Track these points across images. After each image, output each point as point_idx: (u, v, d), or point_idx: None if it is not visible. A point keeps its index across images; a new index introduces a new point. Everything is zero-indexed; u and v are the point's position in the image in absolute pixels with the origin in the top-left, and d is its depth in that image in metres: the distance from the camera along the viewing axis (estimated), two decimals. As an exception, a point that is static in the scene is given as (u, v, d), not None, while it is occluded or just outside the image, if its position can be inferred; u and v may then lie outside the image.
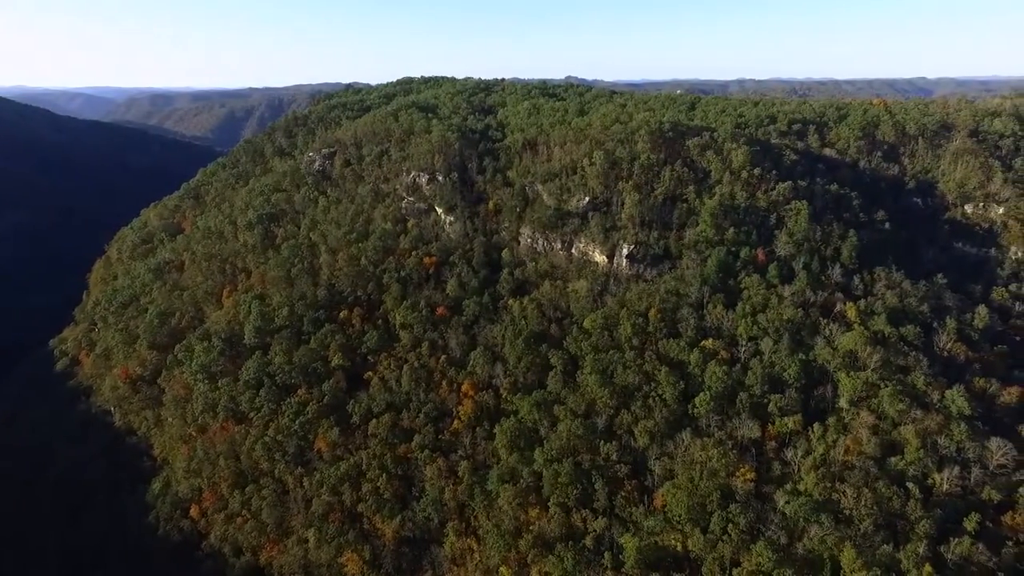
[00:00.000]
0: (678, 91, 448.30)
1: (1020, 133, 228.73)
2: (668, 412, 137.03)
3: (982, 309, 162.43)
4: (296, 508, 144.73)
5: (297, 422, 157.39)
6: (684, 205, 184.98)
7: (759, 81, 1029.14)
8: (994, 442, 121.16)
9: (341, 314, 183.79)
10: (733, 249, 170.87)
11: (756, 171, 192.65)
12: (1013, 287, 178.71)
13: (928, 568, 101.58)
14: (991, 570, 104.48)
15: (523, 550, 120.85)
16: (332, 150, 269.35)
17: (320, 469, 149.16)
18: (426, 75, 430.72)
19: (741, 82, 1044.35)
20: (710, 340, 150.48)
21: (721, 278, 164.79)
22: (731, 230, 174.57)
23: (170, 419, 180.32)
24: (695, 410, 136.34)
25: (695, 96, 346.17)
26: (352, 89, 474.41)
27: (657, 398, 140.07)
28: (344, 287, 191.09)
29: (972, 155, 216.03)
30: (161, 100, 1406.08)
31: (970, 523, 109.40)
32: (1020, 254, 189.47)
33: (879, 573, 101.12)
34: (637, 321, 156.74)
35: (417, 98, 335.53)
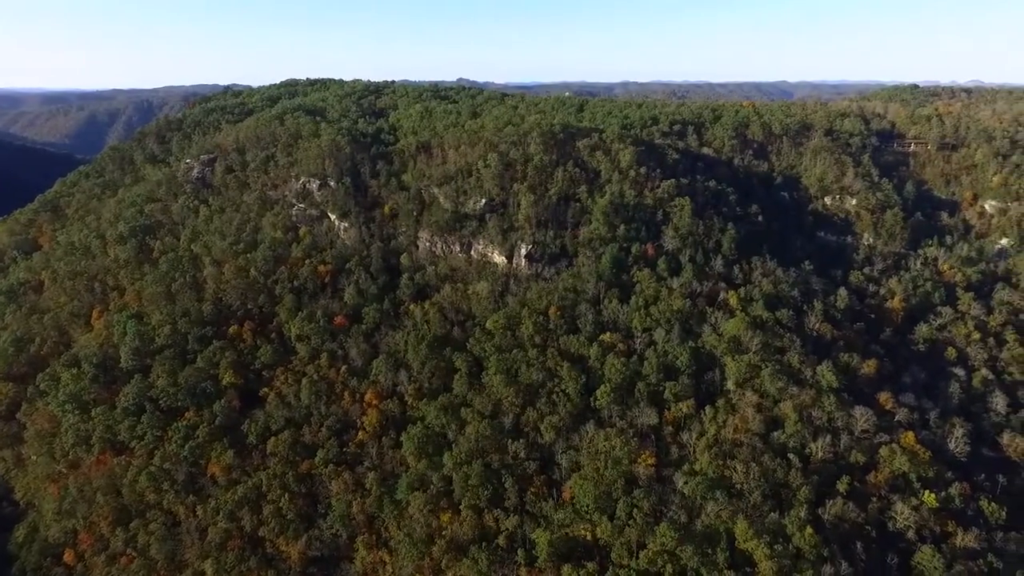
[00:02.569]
0: (567, 93, 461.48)
1: (866, 132, 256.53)
2: (572, 406, 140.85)
3: (843, 291, 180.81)
4: (190, 539, 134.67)
5: (186, 447, 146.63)
6: (577, 204, 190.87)
7: (642, 84, 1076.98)
8: (858, 410, 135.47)
9: (230, 329, 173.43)
10: (625, 245, 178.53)
11: (642, 170, 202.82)
12: (867, 270, 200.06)
13: (809, 530, 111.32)
14: (860, 524, 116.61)
15: (436, 556, 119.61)
16: (212, 156, 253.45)
17: (215, 495, 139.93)
18: (312, 77, 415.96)
19: (625, 84, 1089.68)
20: (608, 334, 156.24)
21: (615, 273, 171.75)
22: (622, 227, 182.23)
23: (34, 457, 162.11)
24: (597, 402, 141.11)
25: (583, 98, 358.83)
26: (231, 91, 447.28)
27: (561, 393, 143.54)
28: (232, 300, 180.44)
29: (828, 152, 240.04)
30: (6, 102, 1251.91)
31: (842, 485, 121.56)
32: (870, 240, 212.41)
33: (768, 540, 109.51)
34: (538, 319, 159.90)
35: (303, 101, 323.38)
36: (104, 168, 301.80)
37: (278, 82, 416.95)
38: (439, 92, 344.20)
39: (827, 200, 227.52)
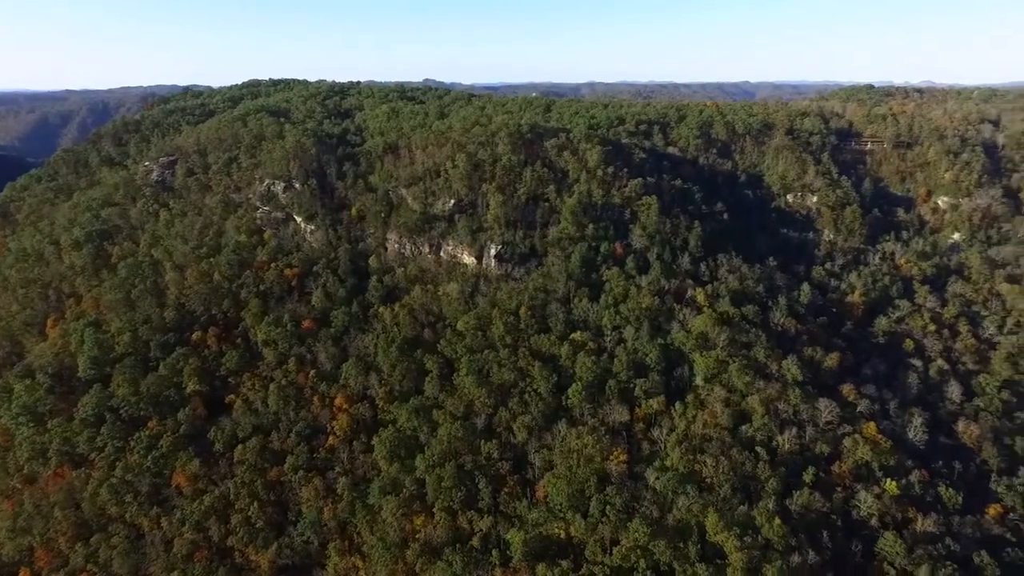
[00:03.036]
0: (534, 94, 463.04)
1: (825, 131, 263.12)
2: (544, 405, 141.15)
3: (805, 286, 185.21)
4: (154, 552, 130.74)
5: (150, 458, 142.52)
6: (546, 204, 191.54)
7: (608, 84, 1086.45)
8: (822, 402, 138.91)
9: (194, 335, 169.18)
10: (593, 244, 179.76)
11: (610, 169, 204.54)
12: (828, 265, 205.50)
13: (777, 521, 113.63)
14: (826, 513, 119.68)
15: (410, 560, 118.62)
16: (172, 158, 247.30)
17: (181, 506, 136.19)
18: (275, 77, 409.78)
19: (591, 85, 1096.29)
20: (578, 332, 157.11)
21: (584, 272, 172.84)
22: (591, 226, 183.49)
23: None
24: (568, 401, 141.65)
25: (550, 99, 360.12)
26: (191, 92, 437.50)
27: (533, 393, 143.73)
28: (196, 306, 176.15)
29: (789, 150, 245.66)
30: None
31: (808, 476, 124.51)
32: (831, 236, 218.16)
33: (738, 532, 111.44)
34: (509, 319, 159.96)
35: (266, 102, 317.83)
36: (57, 171, 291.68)
37: (240, 83, 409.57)
38: (405, 93, 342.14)
39: (789, 197, 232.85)
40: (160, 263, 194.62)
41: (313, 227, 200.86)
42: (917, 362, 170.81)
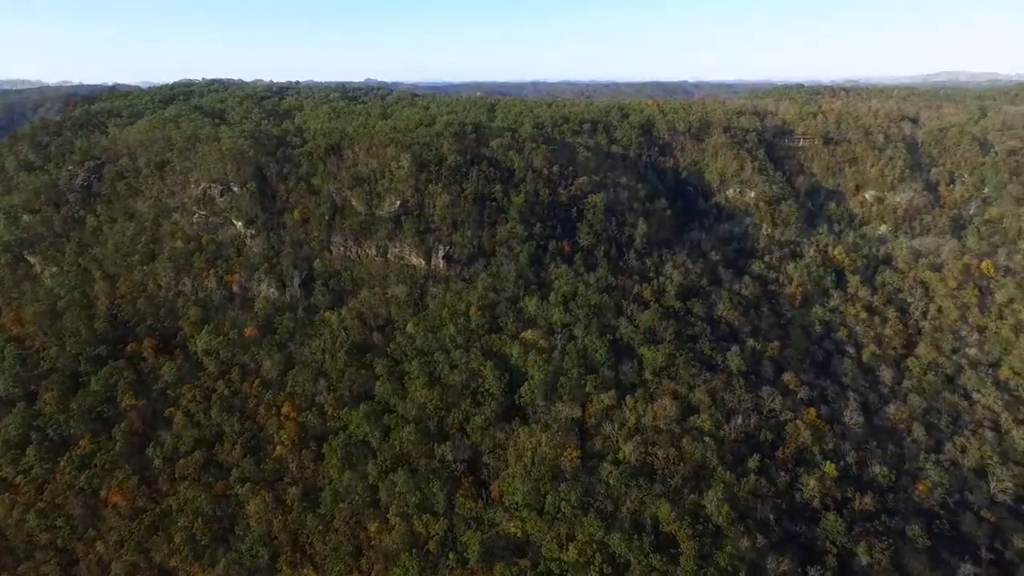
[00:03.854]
0: (478, 93, 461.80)
1: (760, 128, 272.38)
2: (497, 405, 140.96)
3: (747, 279, 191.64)
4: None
5: (82, 478, 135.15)
6: (493, 203, 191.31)
7: (551, 83, 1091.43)
8: (765, 391, 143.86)
9: (128, 348, 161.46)
10: (542, 243, 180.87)
11: (555, 168, 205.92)
12: (767, 258, 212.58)
13: (726, 508, 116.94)
14: (771, 498, 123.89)
15: (365, 568, 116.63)
16: (99, 162, 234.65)
17: (118, 527, 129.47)
18: (208, 77, 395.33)
19: (535, 84, 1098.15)
20: (529, 331, 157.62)
21: (533, 271, 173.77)
22: (538, 225, 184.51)
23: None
24: (521, 399, 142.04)
25: (494, 98, 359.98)
26: (118, 92, 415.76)
27: (485, 393, 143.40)
28: (129, 317, 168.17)
29: (728, 148, 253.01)
30: None
31: (754, 462, 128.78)
32: (769, 230, 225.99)
33: (690, 520, 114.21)
34: (459, 320, 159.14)
35: (200, 102, 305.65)
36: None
37: (171, 83, 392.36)
38: (347, 93, 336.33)
39: (729, 193, 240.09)
40: (89, 272, 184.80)
41: (254, 231, 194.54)
42: (851, 349, 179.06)
